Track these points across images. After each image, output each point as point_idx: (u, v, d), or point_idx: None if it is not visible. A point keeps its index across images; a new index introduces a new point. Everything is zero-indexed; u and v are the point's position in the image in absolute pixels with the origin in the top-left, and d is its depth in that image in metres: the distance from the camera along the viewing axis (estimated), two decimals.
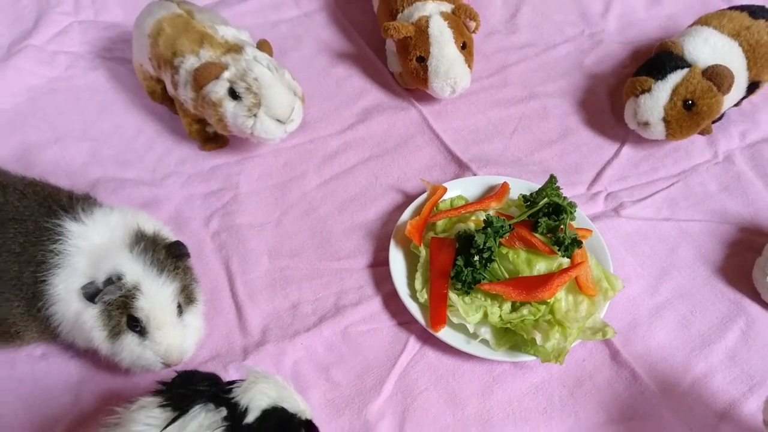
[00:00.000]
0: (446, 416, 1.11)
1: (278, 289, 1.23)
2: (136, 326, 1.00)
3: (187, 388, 0.90)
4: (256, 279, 1.24)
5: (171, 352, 1.02)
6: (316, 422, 0.90)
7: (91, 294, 1.00)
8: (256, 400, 0.88)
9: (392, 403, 1.12)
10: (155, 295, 1.00)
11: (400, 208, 1.33)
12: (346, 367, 1.15)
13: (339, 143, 1.44)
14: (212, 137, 1.41)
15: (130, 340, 1.01)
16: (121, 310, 1.00)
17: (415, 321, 1.18)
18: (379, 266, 1.26)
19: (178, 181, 1.36)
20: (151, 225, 1.09)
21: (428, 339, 1.18)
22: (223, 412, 0.86)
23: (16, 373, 1.12)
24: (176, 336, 1.02)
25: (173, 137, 1.43)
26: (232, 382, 0.91)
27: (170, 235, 1.11)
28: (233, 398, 0.88)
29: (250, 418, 0.86)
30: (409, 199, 1.35)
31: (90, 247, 1.04)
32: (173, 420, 0.85)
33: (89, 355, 1.12)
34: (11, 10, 1.61)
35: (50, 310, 1.04)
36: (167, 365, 1.04)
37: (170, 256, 1.06)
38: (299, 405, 0.93)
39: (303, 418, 0.92)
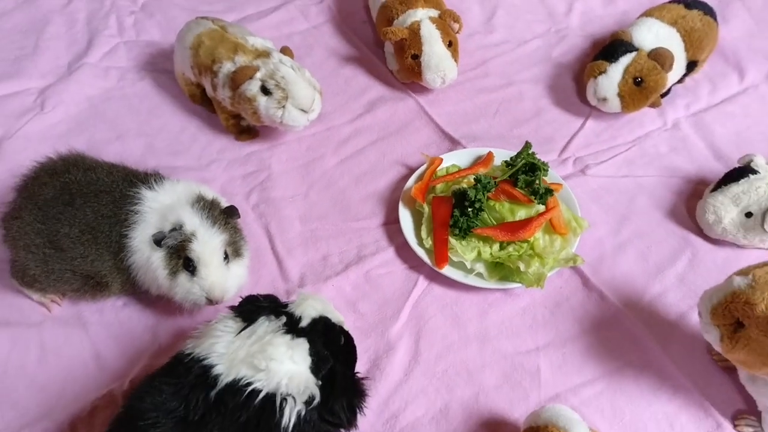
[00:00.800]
0: (452, 334, 1.38)
1: (310, 246, 1.50)
2: (190, 266, 1.25)
3: (253, 305, 1.17)
4: (292, 238, 1.51)
5: (214, 288, 1.25)
6: None
7: (158, 239, 1.25)
8: (307, 311, 1.15)
9: (408, 327, 1.38)
10: (206, 241, 1.24)
11: (405, 177, 1.61)
12: (370, 302, 1.42)
13: (350, 130, 1.73)
14: (246, 129, 1.70)
15: (183, 277, 1.25)
16: (180, 254, 1.24)
17: (422, 263, 1.45)
18: (391, 224, 1.54)
19: (220, 166, 1.64)
20: (210, 193, 1.36)
21: (434, 277, 1.45)
22: (283, 319, 1.13)
23: (105, 318, 1.38)
24: (219, 276, 1.26)
25: (212, 131, 1.71)
26: (287, 303, 1.18)
27: (225, 203, 1.38)
28: (289, 311, 1.16)
29: (303, 323, 1.13)
30: (411, 170, 1.62)
31: (159, 207, 1.28)
32: (244, 327, 1.13)
33: (161, 303, 1.39)
34: (67, 36, 1.91)
35: (130, 261, 1.28)
36: (210, 301, 1.27)
37: (223, 214, 1.31)
38: (338, 317, 1.20)
39: (341, 326, 1.20)
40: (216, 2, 2.02)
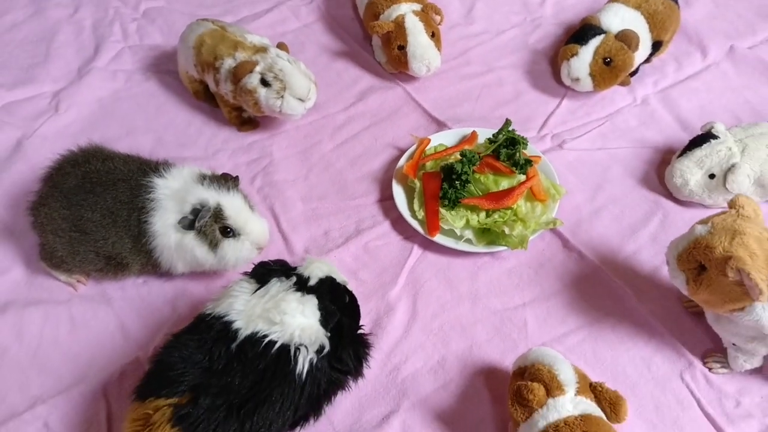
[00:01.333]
0: (445, 295, 1.50)
1: (312, 223, 1.63)
2: (229, 232, 1.38)
3: (266, 269, 1.30)
4: (295, 217, 1.64)
5: (261, 235, 1.42)
6: None
7: (187, 224, 1.37)
8: (314, 272, 1.28)
9: (406, 290, 1.51)
10: (233, 204, 1.38)
11: (397, 158, 1.74)
12: (369, 270, 1.55)
13: (344, 117, 1.86)
14: (247, 120, 1.83)
15: (227, 243, 1.38)
16: (212, 227, 1.37)
17: (416, 233, 1.58)
18: (386, 200, 1.67)
19: (225, 155, 1.77)
20: (207, 171, 1.47)
21: (428, 245, 1.58)
22: (293, 280, 1.26)
23: (127, 294, 1.50)
24: (259, 223, 1.43)
25: (216, 124, 1.84)
26: (295, 267, 1.31)
27: None
28: (298, 272, 1.28)
29: (311, 282, 1.26)
30: (402, 152, 1.75)
31: (172, 192, 1.39)
32: (259, 288, 1.25)
33: (179, 279, 1.51)
34: (75, 43, 2.04)
35: (152, 245, 1.40)
36: (260, 249, 1.43)
37: (227, 180, 1.44)
38: (343, 278, 1.34)
39: (345, 286, 1.33)
40: (213, 6, 2.16)
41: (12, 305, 1.47)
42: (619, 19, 1.83)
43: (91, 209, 1.39)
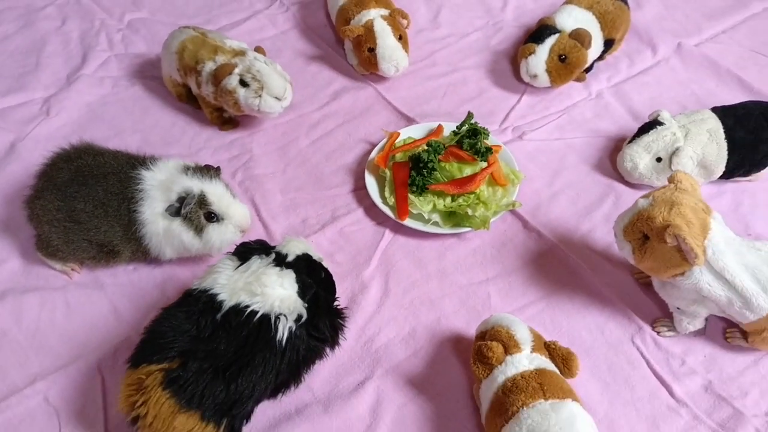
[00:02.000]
0: (415, 274, 1.62)
1: (290, 212, 1.75)
2: (213, 217, 1.49)
3: (247, 248, 1.41)
4: (274, 207, 1.75)
5: (243, 219, 1.52)
6: None
7: (174, 211, 1.48)
8: (292, 249, 1.39)
9: (378, 270, 1.63)
10: (216, 191, 1.49)
11: (369, 152, 1.86)
12: (345, 253, 1.66)
13: (319, 116, 1.99)
14: (228, 120, 1.95)
15: (212, 228, 1.49)
16: (197, 213, 1.48)
17: (387, 218, 1.70)
18: (359, 190, 1.79)
19: (208, 152, 1.89)
20: (190, 163, 1.57)
21: (398, 229, 1.71)
22: (272, 256, 1.37)
23: (119, 281, 1.61)
24: (241, 207, 1.53)
25: (199, 124, 1.96)
26: (274, 246, 1.42)
27: None
28: (277, 250, 1.40)
29: (289, 258, 1.37)
30: (374, 146, 1.86)
31: (158, 183, 1.50)
32: (241, 264, 1.36)
33: (167, 265, 1.62)
34: (64, 53, 2.16)
35: (142, 232, 1.50)
36: (243, 231, 1.53)
37: (209, 170, 1.54)
38: (319, 255, 1.45)
39: (321, 262, 1.44)
40: (194, 17, 2.29)
41: (10, 292, 1.57)
42: (572, 19, 1.97)
43: (84, 200, 1.49)
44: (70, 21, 2.28)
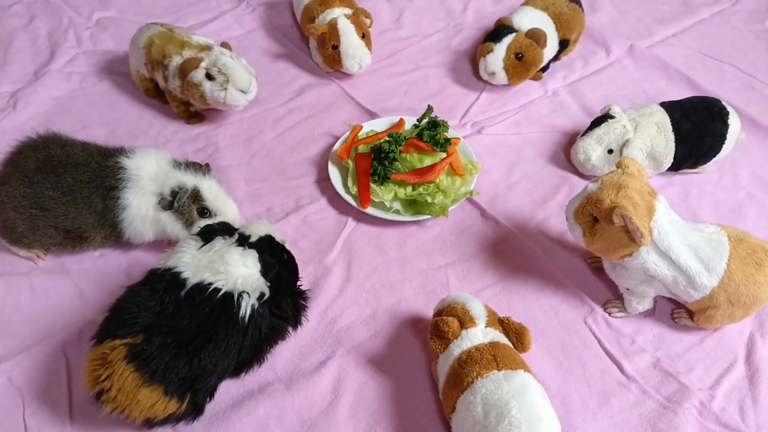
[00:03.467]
0: (377, 259, 1.67)
1: (255, 201, 1.79)
2: (206, 212, 1.53)
3: (210, 229, 1.45)
4: (239, 196, 1.79)
5: (235, 217, 1.58)
6: None
7: (166, 204, 1.52)
8: (255, 231, 1.43)
9: (341, 256, 1.67)
10: (211, 187, 1.54)
11: (332, 144, 1.91)
12: (308, 240, 1.70)
13: (284, 110, 2.04)
14: (194, 114, 1.99)
15: (203, 223, 1.51)
16: (190, 207, 1.52)
17: (350, 207, 1.75)
18: (323, 181, 1.84)
19: (174, 144, 1.92)
20: (179, 158, 1.61)
21: (360, 217, 1.75)
22: (235, 237, 1.41)
23: (84, 266, 1.63)
24: (233, 206, 1.58)
25: (165, 118, 2.00)
26: (238, 228, 1.46)
27: None
28: (240, 231, 1.44)
29: (252, 239, 1.41)
30: (338, 139, 1.92)
31: (147, 173, 1.53)
32: (204, 244, 1.40)
33: (133, 251, 1.65)
34: (31, 49, 2.19)
35: (120, 217, 1.53)
36: None
37: (202, 168, 1.59)
38: (281, 237, 1.49)
39: (284, 244, 1.48)
40: (162, 16, 2.33)
41: None
42: (528, 19, 2.05)
43: (52, 188, 1.52)
44: (38, 19, 2.31)
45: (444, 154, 1.77)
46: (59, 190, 1.52)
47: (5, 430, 1.35)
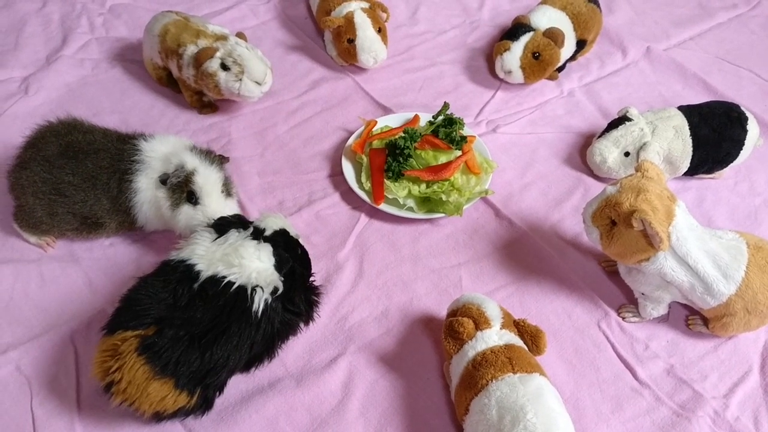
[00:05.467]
0: (389, 257, 1.65)
1: (268, 194, 1.77)
2: (192, 198, 1.48)
3: (224, 221, 1.43)
4: (252, 189, 1.78)
5: (216, 215, 1.44)
6: None
7: (163, 179, 1.49)
8: (270, 224, 1.41)
9: (354, 252, 1.66)
10: (207, 175, 1.48)
11: (346, 139, 1.90)
12: (320, 235, 1.69)
13: (298, 103, 2.02)
14: (207, 104, 1.97)
15: (186, 208, 1.48)
16: (182, 189, 1.48)
17: (363, 203, 1.74)
18: (336, 176, 1.82)
19: (186, 134, 1.90)
20: (199, 145, 1.59)
21: (374, 213, 1.74)
22: (250, 230, 1.39)
23: (94, 255, 1.61)
24: (220, 205, 1.49)
25: (178, 107, 1.98)
26: (252, 221, 1.44)
27: None
28: (255, 225, 1.42)
29: (267, 233, 1.39)
30: (351, 134, 1.90)
31: (160, 155, 1.51)
32: (218, 237, 1.38)
33: (143, 241, 1.64)
34: (43, 34, 2.17)
35: (132, 201, 1.51)
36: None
37: (217, 158, 1.55)
38: (296, 232, 1.47)
39: (298, 239, 1.47)
40: (176, 4, 2.31)
41: None
42: (546, 18, 2.03)
43: (72, 173, 1.50)
44: (51, 3, 2.29)
45: (459, 152, 1.75)
46: (80, 176, 1.50)
47: (13, 419, 1.33)
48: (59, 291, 1.54)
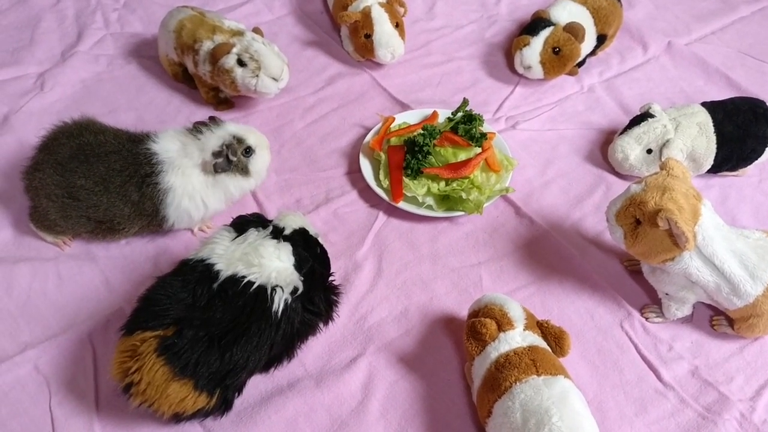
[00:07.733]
0: (408, 255, 1.63)
1: (285, 192, 1.76)
2: (249, 151, 1.55)
3: (243, 220, 1.42)
4: (269, 187, 1.76)
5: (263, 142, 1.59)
6: None
7: (224, 165, 1.51)
8: (289, 223, 1.40)
9: (372, 251, 1.64)
10: (247, 130, 1.57)
11: (363, 136, 1.87)
12: (338, 233, 1.67)
13: (314, 99, 2.00)
14: (223, 101, 1.95)
15: (253, 159, 1.56)
16: (238, 156, 1.53)
17: (381, 201, 1.72)
18: (353, 173, 1.80)
19: None
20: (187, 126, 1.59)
21: (392, 212, 1.72)
22: (270, 229, 1.38)
23: (111, 254, 1.60)
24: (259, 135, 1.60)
25: (194, 104, 1.96)
26: (271, 220, 1.43)
27: None
28: (274, 224, 1.40)
29: (286, 232, 1.38)
30: (369, 130, 1.88)
31: (176, 151, 1.51)
32: (238, 236, 1.37)
33: (160, 239, 1.62)
34: (58, 30, 2.16)
35: (164, 202, 1.50)
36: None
37: (215, 121, 1.58)
38: (315, 231, 1.46)
39: (317, 238, 1.45)
40: (191, 0, 2.28)
41: (1, 262, 1.56)
42: (567, 12, 2.00)
43: (84, 177, 1.48)
44: None
45: (479, 149, 1.73)
46: (92, 180, 1.49)
47: (32, 419, 1.33)
48: (76, 289, 1.53)
